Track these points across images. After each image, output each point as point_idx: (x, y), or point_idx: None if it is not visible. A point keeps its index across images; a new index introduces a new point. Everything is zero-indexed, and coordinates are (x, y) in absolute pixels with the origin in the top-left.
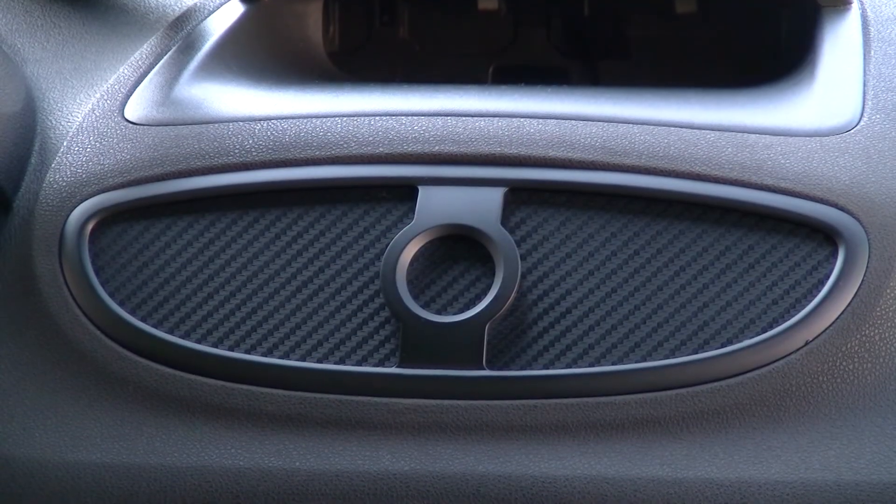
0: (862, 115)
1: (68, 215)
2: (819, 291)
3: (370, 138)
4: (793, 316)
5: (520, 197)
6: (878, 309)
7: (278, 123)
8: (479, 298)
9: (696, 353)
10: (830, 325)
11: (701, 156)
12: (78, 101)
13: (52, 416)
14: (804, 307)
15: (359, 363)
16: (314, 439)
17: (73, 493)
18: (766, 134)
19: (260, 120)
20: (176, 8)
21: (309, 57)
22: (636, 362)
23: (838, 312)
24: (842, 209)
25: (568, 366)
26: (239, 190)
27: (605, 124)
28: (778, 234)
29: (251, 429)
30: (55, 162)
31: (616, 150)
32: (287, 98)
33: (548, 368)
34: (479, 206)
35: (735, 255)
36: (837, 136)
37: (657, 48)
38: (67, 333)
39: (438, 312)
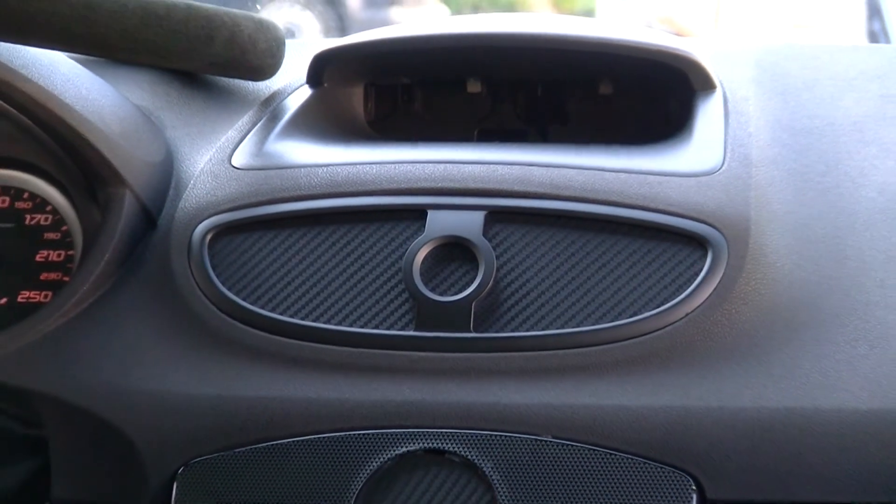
0: (723, 162)
1: (194, 230)
2: (695, 280)
3: (395, 178)
4: (677, 297)
5: (495, 217)
6: (734, 292)
7: (333, 168)
8: (468, 285)
9: (613, 321)
10: (702, 303)
11: (616, 190)
12: (200, 153)
13: (182, 364)
14: (685, 291)
15: (388, 329)
16: (358, 379)
17: (196, 415)
18: (659, 175)
19: (321, 166)
20: (266, 91)
21: (354, 123)
22: (574, 327)
23: (707, 294)
24: (710, 225)
25: (528, 330)
26: (307, 213)
27: (552, 169)
28: (667, 242)
29: (316, 373)
30: (185, 194)
31: (559, 186)
32: (339, 151)
33: (514, 332)
34: (468, 224)
35: (638, 256)
36: (707, 177)
37: (587, 117)
38: (194, 309)
39: (441, 294)
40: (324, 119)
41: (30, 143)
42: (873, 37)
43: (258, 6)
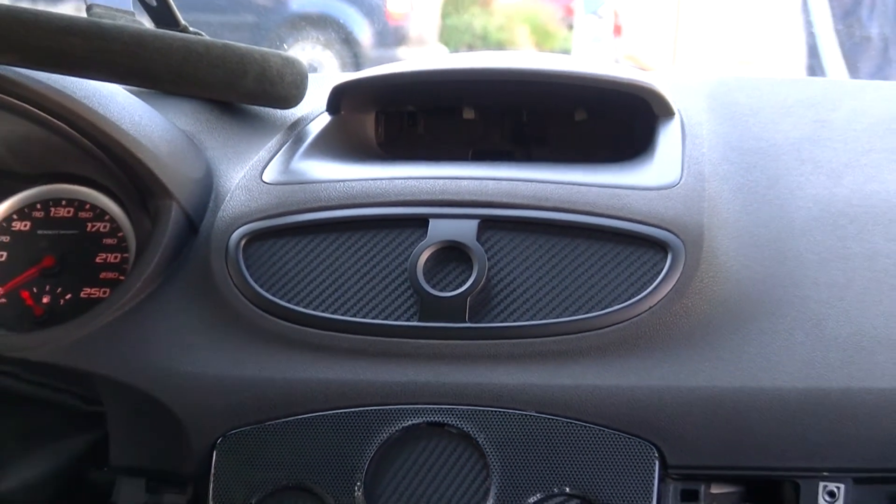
0: (681, 178)
1: (231, 236)
2: (657, 278)
3: (401, 191)
4: (642, 292)
5: (487, 225)
6: (690, 288)
7: (349, 183)
8: (464, 282)
9: (587, 313)
10: (663, 298)
11: (590, 202)
12: (235, 171)
13: (220, 350)
14: (648, 287)
15: (395, 319)
16: (370, 363)
17: (232, 394)
18: (626, 189)
19: (339, 181)
20: (291, 118)
21: (366, 145)
22: (554, 318)
23: (667, 290)
24: (669, 231)
25: (515, 320)
26: (326, 221)
27: (535, 184)
28: (633, 246)
29: (334, 357)
30: (223, 205)
31: (542, 199)
32: (354, 169)
33: (503, 322)
34: (464, 230)
35: (609, 258)
36: (667, 190)
37: (565, 139)
38: (230, 303)
39: (441, 290)
40: (341, 141)
41: (90, 162)
42: (811, 71)
43: (285, 45)
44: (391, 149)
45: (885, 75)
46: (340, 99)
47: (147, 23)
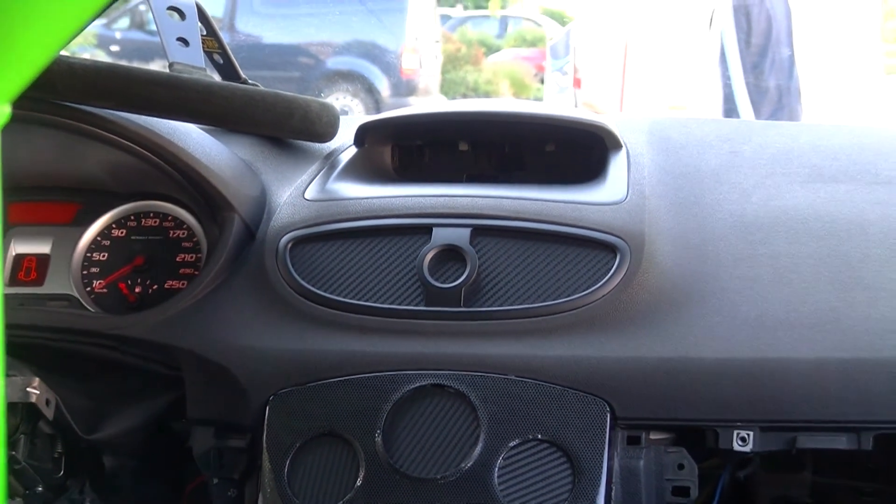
0: (627, 196)
1: (280, 240)
2: (608, 273)
3: (411, 206)
4: (597, 284)
5: (478, 232)
6: (634, 282)
7: (371, 200)
8: (459, 276)
9: (555, 300)
10: (613, 288)
11: (557, 214)
12: (283, 190)
13: (272, 328)
14: (602, 280)
15: (406, 305)
16: (388, 338)
17: (281, 362)
18: (585, 204)
19: (363, 198)
20: (326, 150)
21: (384, 170)
22: (529, 304)
23: (616, 283)
24: (618, 237)
25: (499, 306)
26: (353, 229)
27: (514, 200)
28: (590, 248)
29: (360, 334)
30: (274, 217)
31: (520, 212)
32: (374, 189)
33: (490, 307)
34: (460, 236)
35: (571, 257)
36: (616, 205)
37: (538, 166)
38: (280, 293)
39: (442, 283)
40: (365, 168)
41: (172, 183)
42: (728, 114)
43: (322, 94)
44: (404, 173)
45: (779, 117)
46: (365, 135)
47: (216, 76)
